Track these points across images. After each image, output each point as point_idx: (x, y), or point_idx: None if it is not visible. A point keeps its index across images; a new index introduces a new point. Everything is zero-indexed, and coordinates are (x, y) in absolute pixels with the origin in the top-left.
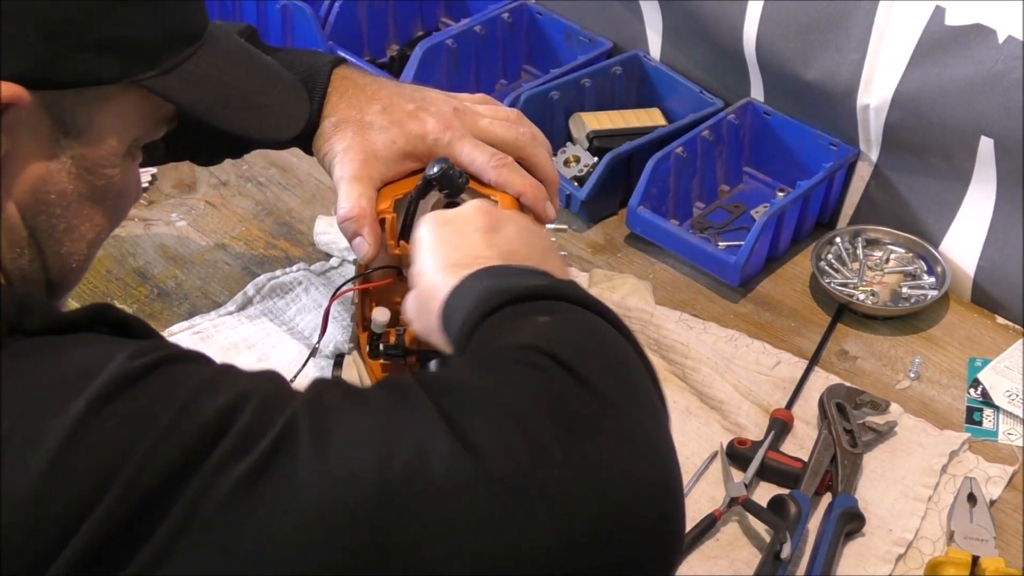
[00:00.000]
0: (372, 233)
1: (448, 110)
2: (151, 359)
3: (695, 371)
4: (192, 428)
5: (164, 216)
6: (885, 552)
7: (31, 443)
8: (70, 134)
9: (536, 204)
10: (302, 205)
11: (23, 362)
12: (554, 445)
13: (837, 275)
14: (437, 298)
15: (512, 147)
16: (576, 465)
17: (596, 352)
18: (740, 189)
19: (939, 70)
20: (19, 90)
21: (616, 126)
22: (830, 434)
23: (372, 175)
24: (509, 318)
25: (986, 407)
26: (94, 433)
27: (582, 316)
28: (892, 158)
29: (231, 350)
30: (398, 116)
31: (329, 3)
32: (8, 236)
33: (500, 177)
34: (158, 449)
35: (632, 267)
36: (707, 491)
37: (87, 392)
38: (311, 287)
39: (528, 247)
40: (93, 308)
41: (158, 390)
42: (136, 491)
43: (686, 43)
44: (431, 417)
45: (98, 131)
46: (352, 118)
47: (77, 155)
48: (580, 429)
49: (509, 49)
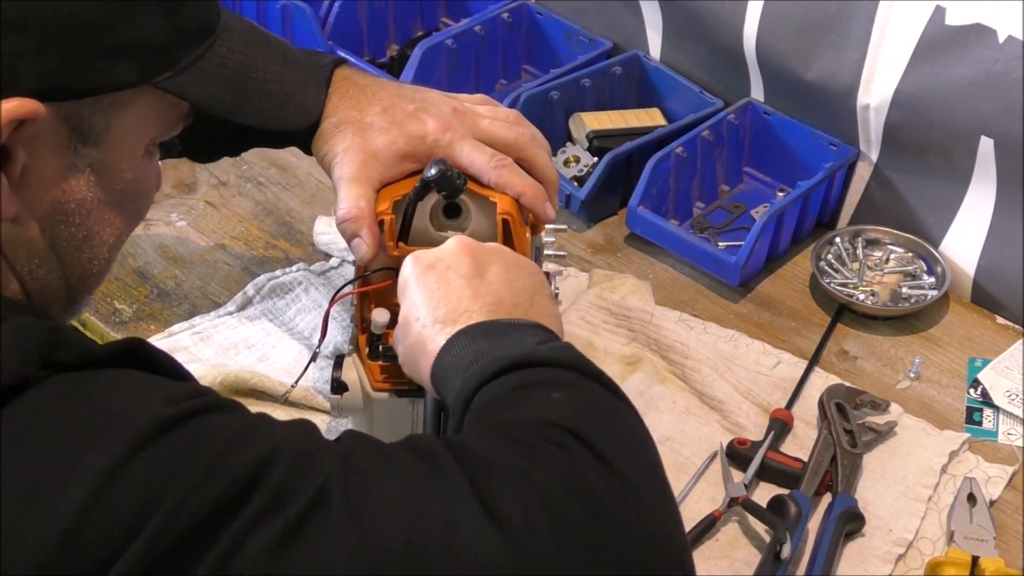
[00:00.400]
0: (371, 234)
1: (448, 111)
2: (185, 408)
3: (695, 371)
4: (223, 483)
5: (164, 216)
6: (885, 552)
7: (63, 486)
8: (88, 142)
9: (536, 205)
10: (302, 205)
11: (56, 400)
12: (582, 529)
13: (837, 275)
14: (426, 355)
15: (512, 148)
16: (601, 550)
17: (614, 430)
18: (740, 189)
19: (939, 70)
20: (35, 105)
21: (616, 126)
22: (830, 434)
23: (371, 176)
24: (518, 388)
25: (986, 407)
26: (126, 481)
27: (588, 389)
28: (892, 158)
29: (231, 350)
30: (398, 117)
31: (329, 3)
32: (26, 249)
33: (500, 178)
34: (188, 501)
35: (632, 267)
36: (707, 491)
37: (120, 436)
38: (311, 287)
39: (514, 292)
40: (125, 344)
41: (192, 440)
42: (163, 543)
43: (686, 43)
44: (462, 490)
45: (116, 136)
46: (352, 119)
47: (96, 162)
48: (606, 514)
49: (509, 49)
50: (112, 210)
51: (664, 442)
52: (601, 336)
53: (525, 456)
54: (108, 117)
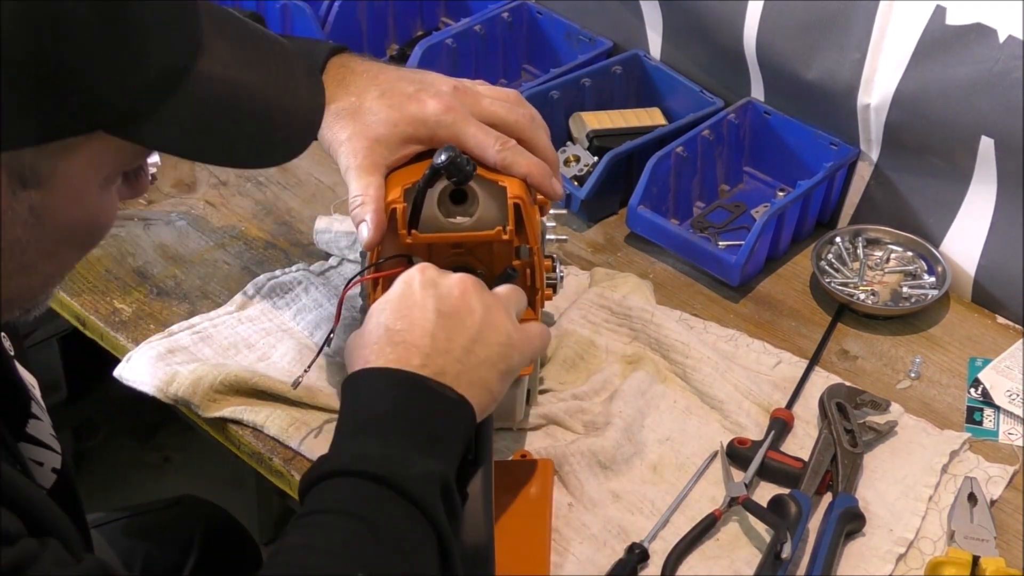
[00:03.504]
0: (375, 219)
1: (448, 89)
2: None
3: (695, 371)
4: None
5: (164, 216)
6: (886, 552)
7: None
8: (28, 185)
9: (543, 183)
10: (302, 205)
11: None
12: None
13: (837, 275)
14: (357, 358)
15: (513, 129)
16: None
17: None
18: (740, 189)
19: (940, 70)
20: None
21: (616, 125)
22: (830, 434)
23: (378, 162)
24: (320, 514)
25: (987, 407)
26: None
27: (385, 527)
28: (892, 158)
29: (231, 350)
30: (397, 99)
31: (329, 3)
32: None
33: (505, 160)
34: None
35: (632, 267)
36: (707, 491)
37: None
38: (311, 287)
39: (468, 353)
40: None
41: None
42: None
43: (686, 42)
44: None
45: (63, 178)
46: (351, 104)
47: (37, 205)
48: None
49: (509, 49)
50: (57, 245)
51: (664, 441)
52: (602, 335)
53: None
54: (54, 162)
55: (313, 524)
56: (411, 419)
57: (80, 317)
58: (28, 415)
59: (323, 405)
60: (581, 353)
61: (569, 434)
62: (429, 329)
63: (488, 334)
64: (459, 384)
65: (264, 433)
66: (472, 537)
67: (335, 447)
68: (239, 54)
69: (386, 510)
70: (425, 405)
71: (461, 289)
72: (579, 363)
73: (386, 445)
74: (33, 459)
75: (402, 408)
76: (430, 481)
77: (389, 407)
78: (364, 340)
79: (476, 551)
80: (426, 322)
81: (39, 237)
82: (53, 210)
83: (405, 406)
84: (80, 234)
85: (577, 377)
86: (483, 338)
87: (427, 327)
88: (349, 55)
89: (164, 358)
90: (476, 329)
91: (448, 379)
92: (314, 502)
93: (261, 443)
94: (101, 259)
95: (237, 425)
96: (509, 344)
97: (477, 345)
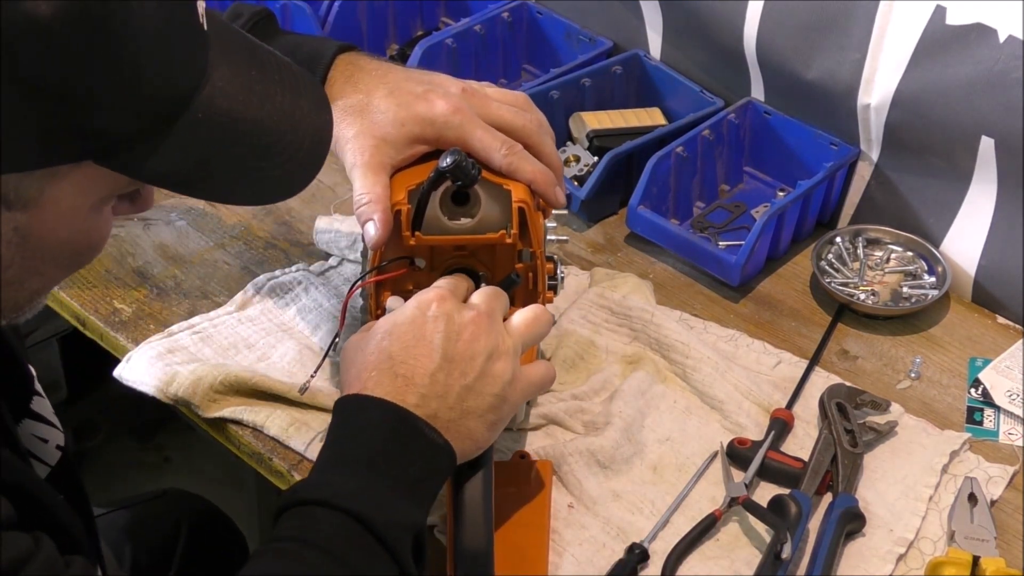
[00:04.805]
0: (382, 219)
1: (457, 90)
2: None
3: (695, 371)
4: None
5: (164, 216)
6: (886, 552)
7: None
8: (13, 207)
9: (547, 190)
10: (302, 205)
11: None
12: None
13: (837, 275)
14: (353, 380)
15: (520, 133)
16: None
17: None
18: (740, 189)
19: (940, 70)
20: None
21: (616, 125)
22: (831, 434)
23: (384, 161)
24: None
25: (987, 407)
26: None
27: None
28: (893, 158)
29: (231, 350)
30: (405, 99)
31: (329, 3)
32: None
33: (511, 165)
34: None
35: (632, 267)
36: (707, 491)
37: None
38: (311, 287)
39: (462, 399)
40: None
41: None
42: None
43: (686, 42)
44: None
45: (50, 201)
46: (359, 102)
47: (22, 226)
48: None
49: (509, 49)
50: (44, 264)
51: (664, 442)
52: (602, 335)
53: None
54: (41, 186)
55: (286, 553)
56: (398, 460)
57: (80, 317)
58: (32, 392)
59: (323, 405)
60: (581, 353)
61: (569, 434)
62: (431, 370)
63: (484, 385)
64: (448, 431)
65: (264, 433)
66: (471, 538)
67: (319, 473)
68: (243, 83)
69: (358, 550)
70: (414, 447)
71: (471, 332)
72: (579, 363)
73: (369, 483)
74: (38, 436)
75: (391, 447)
76: (406, 528)
77: (379, 444)
78: (364, 360)
79: (475, 552)
80: (430, 362)
81: (24, 256)
82: (39, 231)
83: (394, 446)
84: (68, 254)
85: (577, 377)
86: (478, 388)
87: (430, 367)
88: (358, 53)
89: (164, 358)
90: (473, 378)
91: (439, 424)
92: (291, 528)
93: (261, 443)
94: (101, 259)
95: (237, 425)
96: (502, 397)
97: (471, 394)
